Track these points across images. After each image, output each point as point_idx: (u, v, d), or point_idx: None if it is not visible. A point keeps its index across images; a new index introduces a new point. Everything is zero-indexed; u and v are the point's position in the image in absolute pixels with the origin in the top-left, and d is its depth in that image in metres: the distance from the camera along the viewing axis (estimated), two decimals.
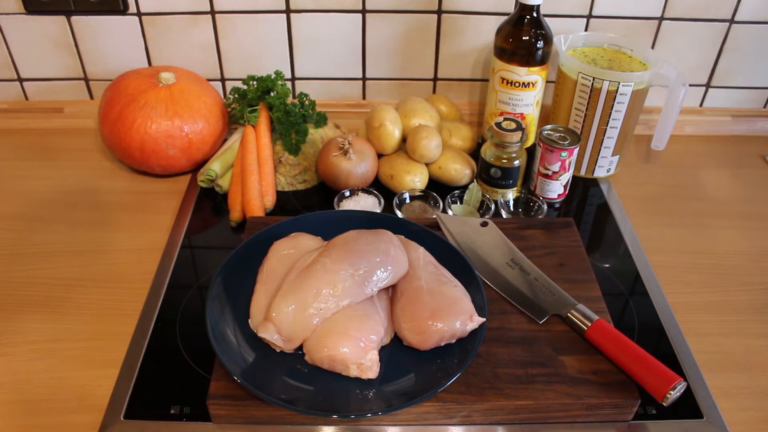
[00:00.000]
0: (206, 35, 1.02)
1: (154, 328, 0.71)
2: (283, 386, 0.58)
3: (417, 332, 0.61)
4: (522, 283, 0.71)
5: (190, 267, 0.80)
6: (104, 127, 0.91)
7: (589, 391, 0.60)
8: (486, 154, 0.89)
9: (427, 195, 0.89)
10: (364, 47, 1.04)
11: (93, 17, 0.99)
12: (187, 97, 0.91)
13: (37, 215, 0.88)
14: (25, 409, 0.63)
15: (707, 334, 0.73)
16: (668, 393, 0.57)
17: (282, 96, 0.95)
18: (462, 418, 0.60)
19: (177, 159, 0.92)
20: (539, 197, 0.91)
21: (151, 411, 0.62)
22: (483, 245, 0.76)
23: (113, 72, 1.02)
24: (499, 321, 0.67)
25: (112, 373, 0.66)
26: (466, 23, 1.01)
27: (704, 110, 1.11)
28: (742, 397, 0.66)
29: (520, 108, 0.94)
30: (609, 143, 0.93)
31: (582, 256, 0.76)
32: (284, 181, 0.94)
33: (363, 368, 0.58)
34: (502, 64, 0.91)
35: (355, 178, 0.89)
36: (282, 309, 0.61)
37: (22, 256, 0.81)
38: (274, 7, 0.99)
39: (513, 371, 0.61)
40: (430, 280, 0.65)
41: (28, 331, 0.71)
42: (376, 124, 0.91)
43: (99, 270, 0.79)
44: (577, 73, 0.90)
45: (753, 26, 1.02)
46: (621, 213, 0.91)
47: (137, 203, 0.91)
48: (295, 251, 0.68)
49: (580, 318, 0.65)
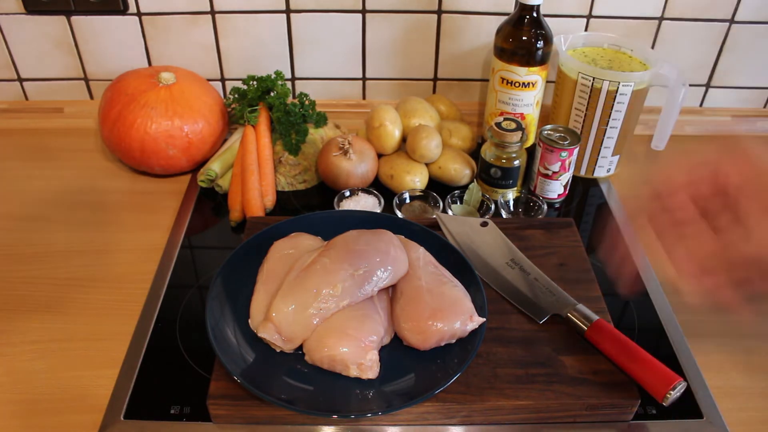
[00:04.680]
0: (206, 35, 1.02)
1: (154, 328, 0.71)
2: (283, 386, 0.58)
3: (417, 332, 0.61)
4: (522, 283, 0.71)
5: (190, 267, 0.80)
6: (104, 127, 0.91)
7: (589, 391, 0.60)
8: (486, 154, 0.89)
9: (427, 195, 0.89)
10: (364, 47, 1.04)
11: (93, 17, 0.99)
12: (187, 97, 0.91)
13: (37, 215, 0.88)
14: (25, 409, 0.63)
15: (707, 334, 0.73)
16: (668, 393, 0.57)
17: (282, 96, 0.95)
18: (462, 418, 0.60)
19: (177, 159, 0.92)
20: (539, 197, 0.91)
21: (151, 411, 0.62)
22: (483, 245, 0.76)
23: (113, 72, 1.02)
24: (499, 321, 0.67)
25: (112, 373, 0.66)
26: (466, 23, 1.01)
27: (704, 110, 1.11)
28: (742, 397, 0.66)
29: (520, 108, 0.94)
30: (609, 143, 0.93)
31: (582, 256, 0.76)
32: (284, 181, 0.94)
33: (363, 368, 0.58)
34: (502, 64, 0.92)
35: (355, 178, 0.89)
36: (282, 309, 0.61)
37: (22, 256, 0.81)
38: (274, 7, 0.99)
39: (513, 371, 0.61)
40: (430, 280, 0.65)
41: (28, 331, 0.71)
42: (376, 124, 0.91)
43: (99, 270, 0.79)
44: (577, 73, 0.90)
45: (753, 26, 1.02)
46: (621, 213, 0.91)
47: (137, 203, 0.91)
48: (295, 251, 0.68)
49: (580, 318, 0.65)
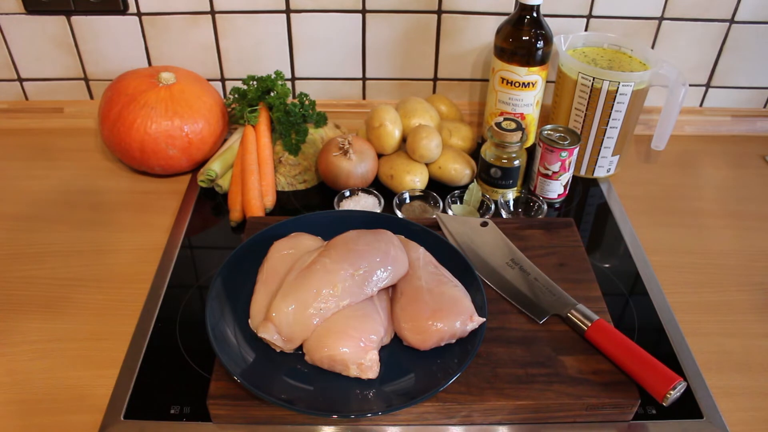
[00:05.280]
0: (206, 35, 1.02)
1: (154, 328, 0.71)
2: (283, 386, 0.58)
3: (417, 332, 0.61)
4: (522, 283, 0.71)
5: (190, 267, 0.80)
6: (104, 127, 0.91)
7: (589, 391, 0.60)
8: (486, 154, 0.89)
9: (427, 195, 0.89)
10: (364, 47, 1.04)
11: (93, 17, 0.99)
12: (187, 97, 0.91)
13: (37, 215, 0.88)
14: (25, 409, 0.63)
15: (707, 334, 0.73)
16: (668, 393, 0.57)
17: (282, 96, 0.95)
18: (462, 418, 0.60)
19: (177, 159, 0.92)
20: (539, 197, 0.91)
21: (151, 411, 0.62)
22: (483, 245, 0.76)
23: (113, 72, 1.02)
24: (499, 321, 0.67)
25: (112, 373, 0.66)
26: (466, 23, 1.01)
27: (704, 110, 1.11)
28: (742, 397, 0.66)
29: (520, 108, 0.94)
30: (609, 143, 0.93)
31: (582, 256, 0.76)
32: (284, 181, 0.94)
33: (363, 368, 0.58)
34: (502, 64, 0.92)
35: (355, 178, 0.89)
36: (282, 309, 0.61)
37: (22, 256, 0.81)
38: (274, 7, 0.99)
39: (513, 371, 0.61)
40: (430, 280, 0.65)
41: (28, 331, 0.71)
42: (376, 124, 0.91)
43: (99, 270, 0.79)
44: (577, 73, 0.90)
45: (753, 26, 1.02)
46: (621, 213, 0.91)
47: (137, 203, 0.91)
48: (295, 251, 0.68)
49: (580, 318, 0.65)
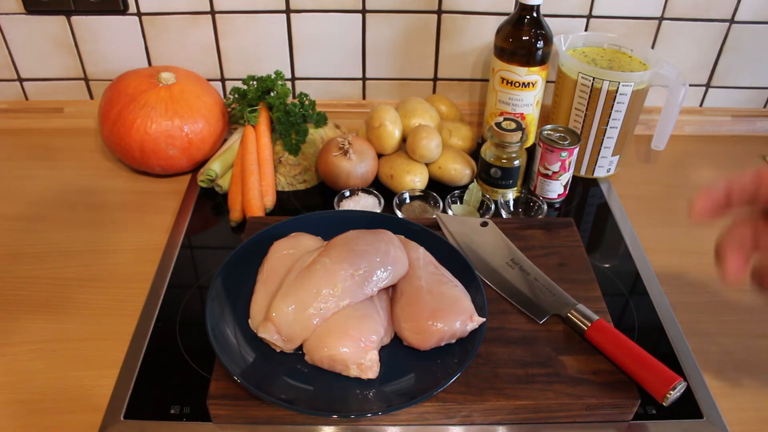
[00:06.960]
0: (206, 35, 1.02)
1: (154, 328, 0.71)
2: (283, 386, 0.58)
3: (417, 332, 0.61)
4: (522, 283, 0.71)
5: (190, 267, 0.80)
6: (104, 127, 0.91)
7: (589, 391, 0.60)
8: (486, 154, 0.89)
9: (427, 195, 0.89)
10: (364, 47, 1.04)
11: (93, 17, 0.99)
12: (187, 97, 0.91)
13: (37, 215, 0.88)
14: (25, 409, 0.63)
15: (707, 334, 0.73)
16: (668, 393, 0.57)
17: (282, 96, 0.95)
18: (462, 418, 0.60)
19: (177, 159, 0.92)
20: (539, 197, 0.91)
21: (151, 411, 0.62)
22: (483, 245, 0.76)
23: (113, 72, 1.02)
24: (499, 321, 0.67)
25: (112, 373, 0.66)
26: (466, 23, 1.01)
27: (704, 110, 1.11)
28: (742, 397, 0.66)
29: (520, 108, 0.94)
30: (609, 143, 0.93)
31: (582, 256, 0.76)
32: (284, 181, 0.94)
33: (363, 368, 0.58)
34: (502, 64, 0.91)
35: (355, 178, 0.89)
36: (282, 309, 0.61)
37: (22, 256, 0.81)
38: (274, 7, 0.99)
39: (513, 371, 0.61)
40: (430, 280, 0.65)
41: (28, 331, 0.71)
42: (376, 124, 0.91)
43: (99, 270, 0.79)
44: (577, 73, 0.90)
45: (753, 26, 1.02)
46: (621, 213, 0.91)
47: (137, 203, 0.91)
48: (295, 251, 0.68)
49: (580, 318, 0.65)
